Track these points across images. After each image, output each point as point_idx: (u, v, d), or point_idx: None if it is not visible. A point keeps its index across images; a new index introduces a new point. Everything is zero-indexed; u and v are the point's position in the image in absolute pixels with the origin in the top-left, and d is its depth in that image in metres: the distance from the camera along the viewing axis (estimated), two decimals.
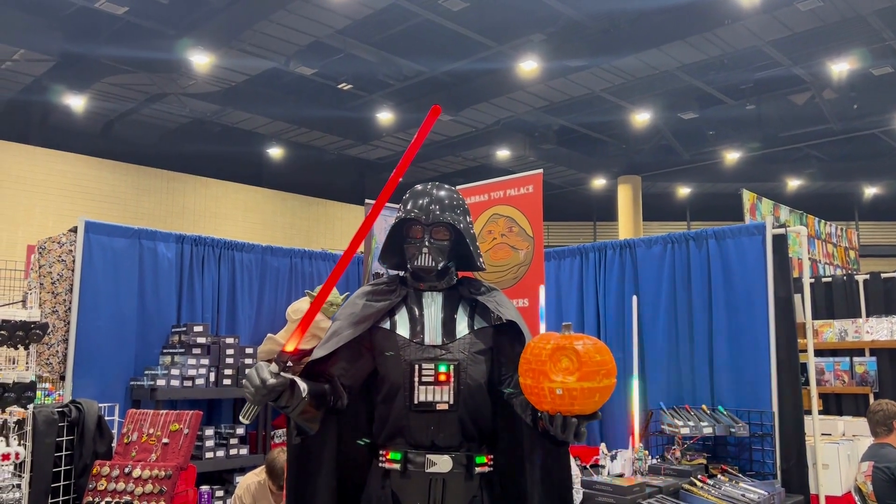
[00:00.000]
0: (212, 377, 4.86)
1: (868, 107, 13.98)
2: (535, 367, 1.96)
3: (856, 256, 10.00)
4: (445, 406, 2.23)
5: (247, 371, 2.09)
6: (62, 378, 4.41)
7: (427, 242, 2.34)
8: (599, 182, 18.92)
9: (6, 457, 3.27)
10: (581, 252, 5.45)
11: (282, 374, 1.98)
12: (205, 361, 4.79)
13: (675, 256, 4.90)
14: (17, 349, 3.42)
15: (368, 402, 2.37)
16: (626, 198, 17.53)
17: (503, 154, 16.80)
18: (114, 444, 3.80)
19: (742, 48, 11.68)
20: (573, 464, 3.33)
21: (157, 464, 3.53)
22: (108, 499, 3.44)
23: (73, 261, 4.50)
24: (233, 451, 4.83)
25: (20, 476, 3.36)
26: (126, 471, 3.50)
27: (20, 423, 3.42)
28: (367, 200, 4.69)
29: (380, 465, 2.26)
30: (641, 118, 14.71)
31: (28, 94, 13.08)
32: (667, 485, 3.76)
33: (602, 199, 20.02)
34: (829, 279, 7.08)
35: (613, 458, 4.06)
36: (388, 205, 2.47)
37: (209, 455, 4.70)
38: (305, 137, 16.20)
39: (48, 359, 4.33)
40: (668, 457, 4.27)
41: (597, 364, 1.92)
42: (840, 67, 12.08)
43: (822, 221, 9.15)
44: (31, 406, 3.45)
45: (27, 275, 5.05)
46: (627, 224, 17.34)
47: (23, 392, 3.30)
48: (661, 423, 4.37)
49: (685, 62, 12.19)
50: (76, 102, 13.07)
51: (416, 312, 2.35)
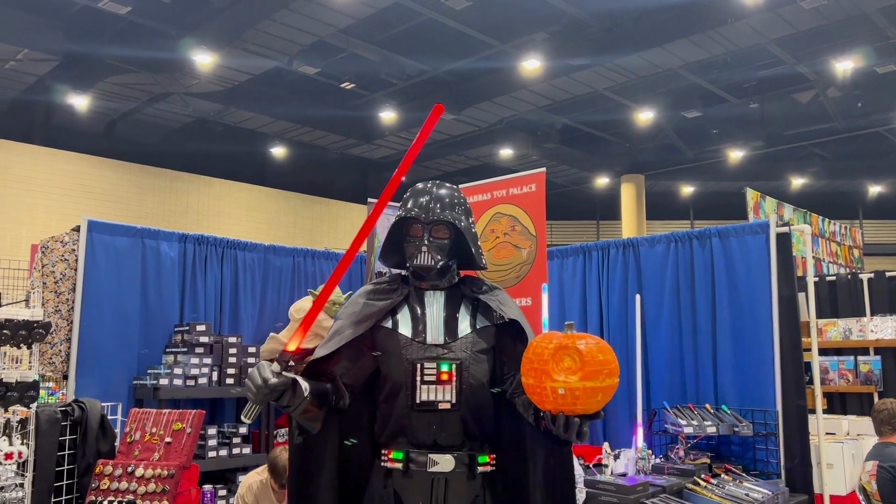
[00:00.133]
0: (214, 376, 4.86)
1: (872, 105, 13.93)
2: (538, 367, 1.95)
3: (860, 255, 9.97)
4: (447, 405, 2.22)
5: (249, 370, 2.08)
6: (65, 377, 4.41)
7: (426, 241, 2.33)
8: (602, 181, 18.90)
9: (9, 456, 3.28)
10: (584, 251, 5.44)
11: (283, 374, 1.98)
12: (207, 361, 4.79)
13: (679, 255, 4.88)
14: (21, 348, 3.42)
15: (370, 402, 2.36)
16: (630, 197, 17.50)
17: (506, 153, 16.78)
18: (117, 444, 3.81)
19: (745, 46, 11.64)
20: (576, 463, 3.32)
21: (160, 463, 3.54)
22: (111, 498, 3.44)
23: (77, 260, 4.49)
24: (236, 451, 4.82)
25: (23, 475, 3.36)
26: (129, 470, 3.50)
27: (23, 423, 3.42)
28: (370, 199, 4.68)
29: (382, 465, 2.26)
30: (645, 117, 14.67)
31: (31, 94, 13.09)
32: (670, 484, 3.76)
33: (605, 198, 20.01)
34: (833, 278, 7.06)
35: (617, 458, 4.05)
36: (391, 204, 2.47)
37: (212, 454, 4.69)
38: (308, 137, 16.20)
39: (51, 358, 4.33)
40: (672, 456, 4.26)
41: (599, 363, 1.91)
42: (844, 65, 12.03)
43: (826, 220, 9.11)
44: (34, 405, 3.46)
45: (30, 274, 5.05)
46: (631, 223, 17.32)
47: (26, 391, 3.31)
48: (665, 423, 4.36)
49: (688, 60, 12.15)
50: (79, 102, 13.09)
51: (418, 311, 2.34)
